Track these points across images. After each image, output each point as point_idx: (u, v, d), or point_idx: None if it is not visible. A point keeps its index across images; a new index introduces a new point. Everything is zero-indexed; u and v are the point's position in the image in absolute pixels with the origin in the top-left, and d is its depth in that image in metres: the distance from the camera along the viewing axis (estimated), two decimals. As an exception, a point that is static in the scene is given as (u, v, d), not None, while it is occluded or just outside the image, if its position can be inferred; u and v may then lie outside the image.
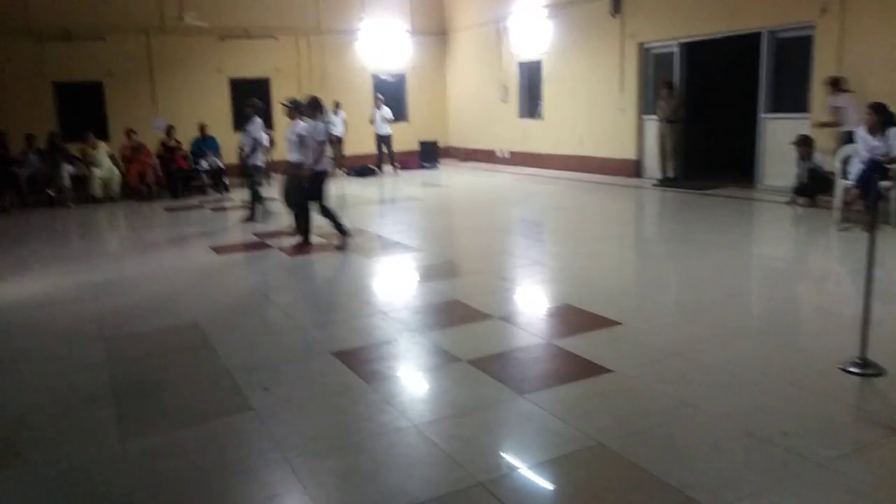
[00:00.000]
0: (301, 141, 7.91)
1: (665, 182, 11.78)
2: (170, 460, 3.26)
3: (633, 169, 12.90)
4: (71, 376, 4.40)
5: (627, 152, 13.03)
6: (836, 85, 8.99)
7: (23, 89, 13.67)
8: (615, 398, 3.70)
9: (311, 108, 7.94)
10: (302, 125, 8.00)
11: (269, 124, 9.36)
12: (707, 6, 11.13)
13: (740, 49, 11.21)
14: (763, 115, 10.59)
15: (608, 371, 4.03)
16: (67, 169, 12.63)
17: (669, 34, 11.94)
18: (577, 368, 4.13)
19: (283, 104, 8.76)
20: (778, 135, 10.28)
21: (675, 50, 11.96)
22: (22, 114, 13.39)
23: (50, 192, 12.46)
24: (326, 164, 7.85)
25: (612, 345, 4.49)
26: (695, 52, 11.92)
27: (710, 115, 12.49)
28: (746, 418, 3.39)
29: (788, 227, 8.49)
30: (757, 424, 3.32)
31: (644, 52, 12.60)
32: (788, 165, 9.65)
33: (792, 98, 10.24)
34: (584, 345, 4.47)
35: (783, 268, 6.64)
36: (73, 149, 13.07)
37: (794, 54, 10.17)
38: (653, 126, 12.35)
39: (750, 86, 10.76)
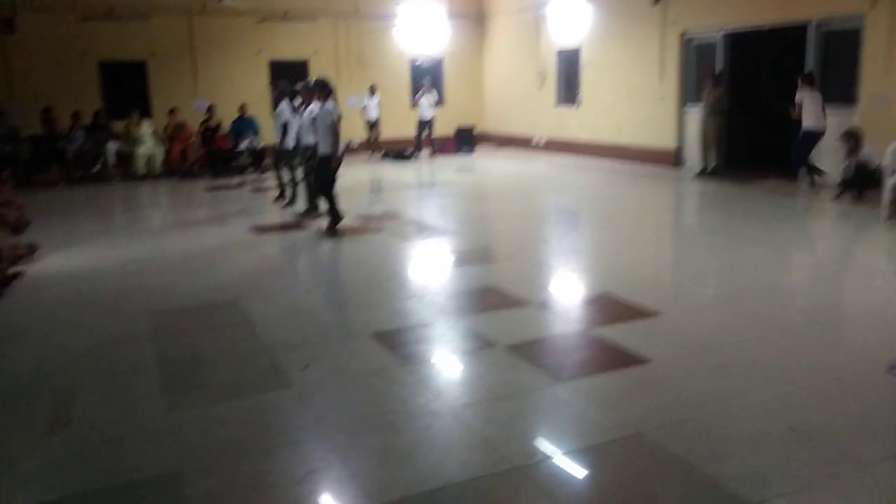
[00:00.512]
0: (314, 124, 7.91)
1: (705, 173, 11.59)
2: (213, 432, 3.35)
3: (673, 159, 12.72)
4: (116, 348, 4.53)
5: (667, 142, 12.84)
6: None
7: (70, 67, 13.95)
8: (653, 388, 3.69)
9: (319, 90, 7.77)
10: (314, 108, 7.98)
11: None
12: (753, -5, 10.88)
13: (786, 40, 10.94)
14: (809, 108, 10.31)
15: (646, 361, 4.01)
16: (112, 146, 12.89)
17: (712, 23, 11.69)
18: (615, 357, 4.12)
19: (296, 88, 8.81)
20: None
21: (719, 40, 11.71)
22: (69, 91, 13.68)
23: (95, 168, 12.73)
24: (333, 148, 7.60)
25: (649, 335, 4.46)
26: (739, 42, 11.66)
27: (753, 107, 12.22)
28: (788, 413, 3.35)
29: (833, 222, 8.31)
30: (799, 420, 3.28)
31: (686, 41, 12.36)
32: (835, 159, 9.42)
33: (839, 91, 9.97)
34: (621, 334, 4.46)
35: (827, 263, 6.52)
36: (118, 126, 13.33)
37: (841, 47, 9.89)
38: (694, 116, 12.15)
39: (795, 78, 10.49)
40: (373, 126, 15.52)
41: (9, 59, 13.55)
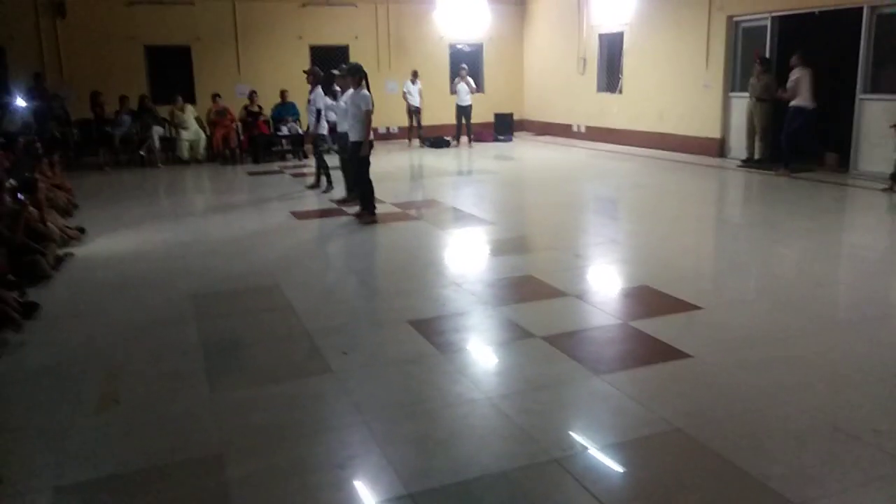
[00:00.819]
0: (346, 111, 7.92)
1: (751, 163, 11.32)
2: (256, 414, 3.42)
3: (717, 148, 12.44)
4: (162, 329, 4.65)
5: (711, 130, 12.57)
6: None
7: (117, 52, 14.25)
8: (694, 384, 3.64)
9: (352, 76, 7.69)
10: (348, 94, 7.99)
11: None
12: (806, -23, 10.53)
13: (839, 24, 10.57)
14: (861, 97, 9.99)
15: (687, 356, 3.96)
16: (157, 130, 13.16)
17: (761, 7, 11.35)
18: (655, 351, 4.07)
19: (335, 72, 8.85)
20: (876, 117, 9.70)
21: (768, 24, 11.38)
22: (116, 76, 13.98)
23: (141, 152, 13.03)
24: (364, 135, 7.55)
25: (691, 329, 4.40)
26: (789, 26, 11.30)
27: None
28: (834, 413, 3.28)
29: (884, 215, 8.04)
30: (845, 420, 3.20)
31: (733, 25, 12.04)
32: (887, 150, 9.11)
33: (893, 79, 9.61)
34: (661, 327, 4.40)
35: (877, 258, 6.31)
36: (163, 111, 13.59)
37: (898, 31, 9.53)
38: (740, 104, 11.85)
39: (848, 64, 10.15)
40: (415, 113, 15.42)
41: (59, 43, 13.91)
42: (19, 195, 6.32)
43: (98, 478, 2.93)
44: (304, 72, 10.05)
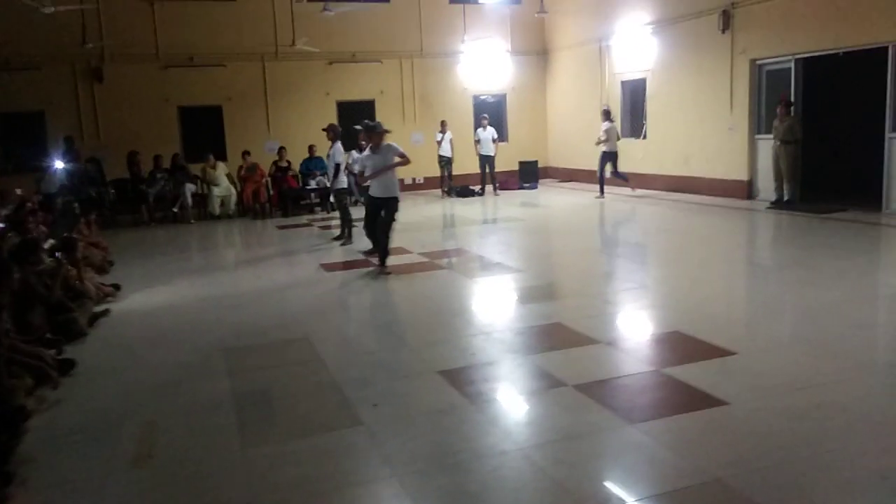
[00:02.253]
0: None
1: (780, 204, 11.21)
2: (288, 469, 3.41)
3: (745, 190, 12.36)
4: (195, 383, 4.69)
5: (738, 173, 12.51)
6: None
7: (151, 113, 14.78)
8: (732, 432, 3.55)
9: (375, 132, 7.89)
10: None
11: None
12: (827, 19, 10.57)
13: (864, 64, 10.57)
14: (890, 135, 9.91)
15: (724, 403, 3.87)
16: (189, 187, 13.51)
17: (785, 49, 11.41)
18: (690, 399, 3.99)
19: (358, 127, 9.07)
20: (907, 155, 9.59)
21: (792, 66, 11.41)
22: (150, 135, 14.46)
23: (174, 209, 13.36)
24: (396, 190, 7.86)
25: (726, 376, 4.31)
26: (813, 68, 11.33)
27: (830, 135, 11.80)
28: (879, 460, 3.16)
29: (920, 255, 7.87)
30: (891, 468, 3.09)
31: (756, 68, 12.10)
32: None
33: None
34: (696, 374, 4.32)
35: (916, 299, 6.16)
36: (195, 168, 13.97)
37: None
38: (766, 146, 11.81)
39: (875, 104, 10.10)
40: (445, 164, 15.57)
41: (97, 107, 14.48)
42: (57, 254, 6.51)
43: (132, 535, 2.93)
44: (324, 129, 10.25)
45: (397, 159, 7.81)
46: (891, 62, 9.81)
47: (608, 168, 13.86)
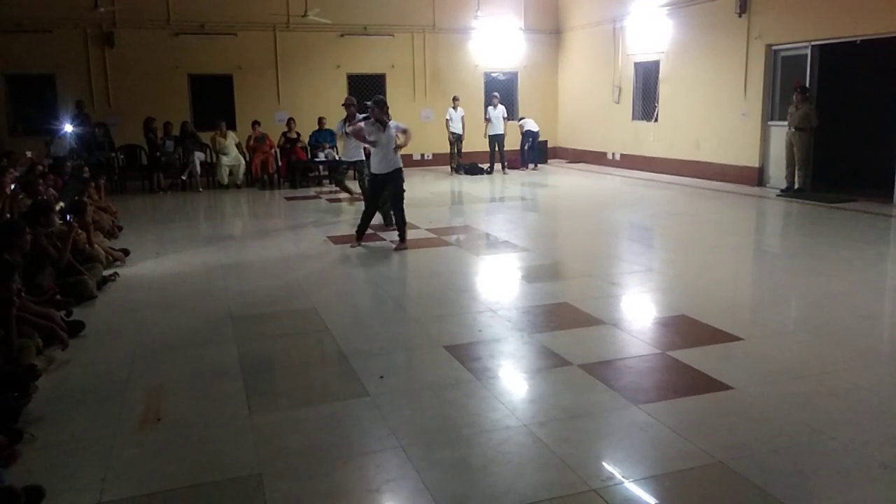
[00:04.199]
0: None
1: (790, 192, 11.15)
2: (294, 436, 3.45)
3: (755, 177, 12.29)
4: (203, 350, 4.73)
5: (749, 159, 12.43)
6: None
7: (162, 80, 14.72)
8: (736, 417, 3.57)
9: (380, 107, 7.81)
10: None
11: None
12: (844, 6, 10.42)
13: (881, 52, 10.44)
14: (905, 125, 9.83)
15: (728, 388, 3.89)
16: (198, 156, 13.50)
17: (801, 35, 11.27)
18: (695, 382, 4.01)
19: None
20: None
21: (808, 52, 11.27)
22: (161, 103, 14.41)
23: (183, 177, 13.37)
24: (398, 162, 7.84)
25: (731, 360, 4.32)
26: (830, 55, 11.19)
27: (845, 123, 11.69)
28: (881, 449, 3.18)
29: (930, 247, 7.84)
30: (893, 458, 3.11)
31: (772, 53, 11.96)
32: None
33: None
34: (701, 358, 4.33)
35: (923, 291, 6.15)
36: (205, 137, 13.94)
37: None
38: (779, 132, 11.71)
39: (890, 92, 9.99)
40: (456, 140, 15.49)
41: (108, 72, 14.42)
42: (67, 217, 6.53)
43: (141, 494, 2.98)
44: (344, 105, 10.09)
45: (401, 137, 7.76)
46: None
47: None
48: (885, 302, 5.90)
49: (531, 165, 16.12)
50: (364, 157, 9.54)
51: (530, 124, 16.01)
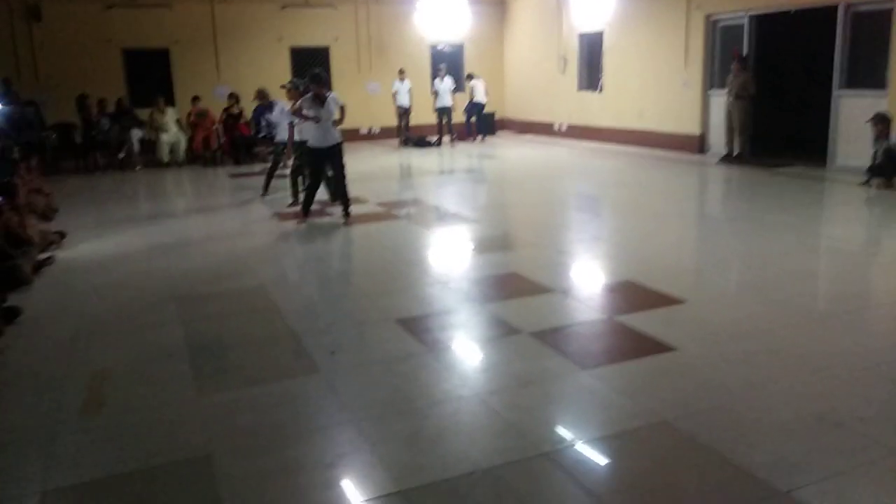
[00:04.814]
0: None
1: (730, 159, 11.45)
2: (244, 415, 3.40)
3: (697, 145, 12.57)
4: (147, 332, 4.61)
5: (691, 127, 12.69)
6: None
7: (94, 55, 14.07)
8: (679, 376, 3.68)
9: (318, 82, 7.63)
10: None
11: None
12: (782, -24, 10.66)
13: (814, 22, 10.73)
14: (837, 92, 10.15)
15: (671, 349, 4.00)
16: (136, 133, 13.03)
17: (739, 6, 11.48)
18: (640, 345, 4.11)
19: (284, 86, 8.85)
20: (853, 112, 9.85)
21: (745, 22, 11.51)
22: (94, 79, 13.79)
23: (120, 155, 12.89)
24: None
25: (674, 323, 4.44)
26: (766, 24, 11.45)
27: (780, 91, 12.02)
28: (817, 402, 3.33)
29: (862, 209, 8.18)
30: (828, 409, 3.25)
31: (711, 23, 12.17)
32: (863, 145, 9.27)
33: (869, 74, 9.77)
34: (646, 322, 4.44)
35: (855, 251, 6.42)
36: (142, 114, 13.45)
37: (872, 28, 9.68)
38: (719, 101, 11.98)
39: (824, 61, 10.31)
40: (404, 113, 15.34)
41: (34, 47, 13.72)
42: (-3, 200, 6.24)
43: (86, 481, 2.90)
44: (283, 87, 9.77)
45: (338, 114, 7.62)
46: (840, 20, 9.98)
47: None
48: (821, 262, 6.15)
49: (479, 137, 16.10)
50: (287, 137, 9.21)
51: (479, 93, 15.84)
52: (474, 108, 15.95)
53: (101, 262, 6.54)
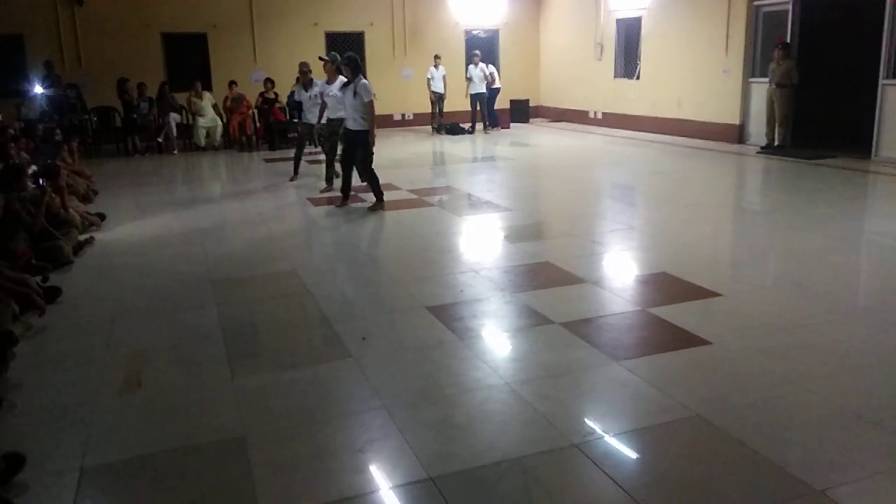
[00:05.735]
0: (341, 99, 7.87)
1: (770, 149, 11.19)
2: (277, 399, 3.45)
3: (736, 135, 12.31)
4: (183, 314, 4.70)
5: (730, 117, 12.42)
6: None
7: (134, 40, 14.29)
8: (714, 371, 3.62)
9: (350, 66, 7.58)
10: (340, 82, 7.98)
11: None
12: (830, -40, 10.33)
13: (861, 8, 10.38)
14: (884, 81, 9.84)
15: (707, 343, 3.94)
16: (174, 117, 13.22)
17: (784, -9, 11.18)
18: (674, 338, 4.05)
19: (324, 59, 8.75)
20: (900, 102, 9.54)
21: (789, 8, 11.20)
22: (133, 63, 14.02)
23: (158, 139, 13.11)
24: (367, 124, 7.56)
25: (710, 316, 4.37)
26: (811, 10, 11.12)
27: (824, 80, 11.68)
28: (856, 400, 3.25)
29: (906, 203, 7.93)
30: (868, 408, 3.17)
31: (754, 9, 11.86)
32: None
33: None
34: (681, 314, 4.38)
35: (899, 246, 6.24)
36: (180, 98, 13.64)
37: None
38: (760, 90, 11.69)
39: (870, 49, 9.98)
40: (437, 100, 15.23)
41: (78, 32, 13.98)
42: (40, 181, 6.39)
43: (124, 459, 2.97)
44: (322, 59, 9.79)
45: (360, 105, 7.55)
46: (888, 7, 9.64)
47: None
48: (862, 257, 5.98)
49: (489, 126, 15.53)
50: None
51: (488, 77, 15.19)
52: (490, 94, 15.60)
53: (139, 243, 6.67)
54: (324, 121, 8.97)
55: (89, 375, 3.78)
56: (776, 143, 11.20)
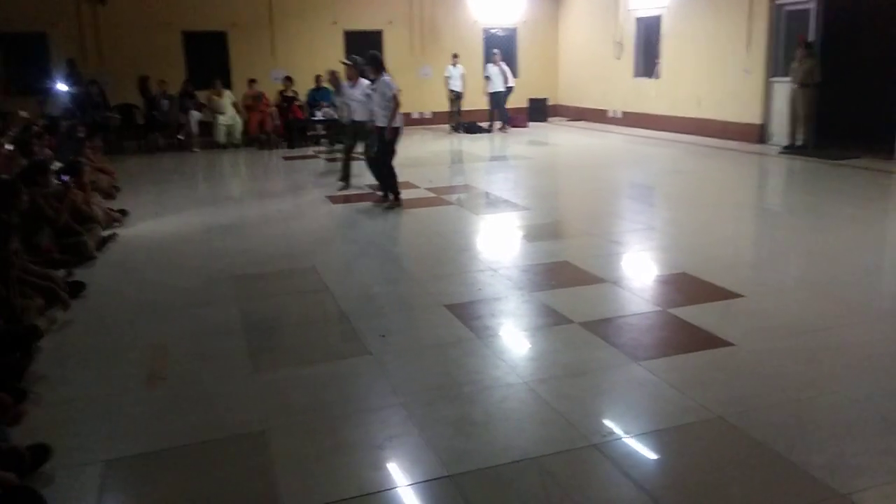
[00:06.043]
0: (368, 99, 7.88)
1: (793, 149, 11.05)
2: (297, 394, 3.48)
3: (758, 134, 12.17)
4: (205, 309, 4.74)
5: (752, 116, 12.29)
6: None
7: (155, 38, 14.42)
8: (736, 372, 3.59)
9: (372, 65, 7.66)
10: (365, 83, 7.99)
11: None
12: (855, -42, 10.19)
13: (885, 6, 10.22)
14: (910, 80, 9.69)
15: (729, 344, 3.90)
16: (195, 115, 13.34)
17: (807, -11, 11.04)
18: (695, 339, 4.02)
19: (344, 63, 8.75)
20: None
21: (812, 6, 11.05)
22: (154, 61, 14.15)
23: (179, 136, 13.23)
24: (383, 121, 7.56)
25: (732, 317, 4.33)
26: (834, 9, 10.96)
27: (847, 79, 11.51)
28: (882, 403, 3.21)
29: (931, 204, 7.81)
30: (892, 410, 3.14)
31: (776, 7, 11.72)
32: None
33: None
34: (701, 315, 4.34)
35: (924, 248, 6.15)
36: (200, 96, 13.75)
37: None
38: (782, 89, 11.55)
39: (894, 48, 9.82)
40: (455, 98, 15.24)
41: (100, 30, 14.14)
42: (63, 177, 6.47)
43: (147, 452, 3.01)
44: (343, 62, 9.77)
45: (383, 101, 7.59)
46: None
47: None
48: (886, 258, 5.90)
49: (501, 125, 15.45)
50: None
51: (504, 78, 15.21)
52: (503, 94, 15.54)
53: (161, 239, 6.74)
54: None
55: (113, 369, 3.84)
56: (799, 143, 11.07)
